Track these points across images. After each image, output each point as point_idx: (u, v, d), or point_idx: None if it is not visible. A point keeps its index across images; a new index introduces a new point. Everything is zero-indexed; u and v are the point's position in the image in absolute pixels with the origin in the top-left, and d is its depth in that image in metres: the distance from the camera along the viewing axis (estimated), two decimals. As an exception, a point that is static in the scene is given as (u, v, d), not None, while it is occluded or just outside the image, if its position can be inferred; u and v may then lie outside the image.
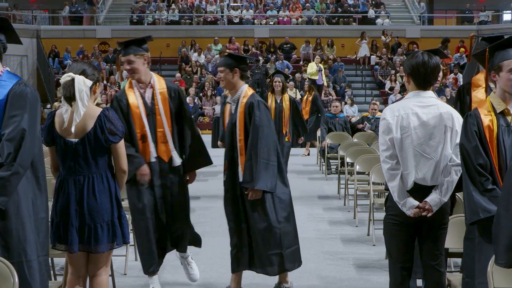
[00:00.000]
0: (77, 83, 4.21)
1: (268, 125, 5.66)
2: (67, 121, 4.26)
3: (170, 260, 7.05)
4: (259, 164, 5.52)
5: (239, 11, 29.11)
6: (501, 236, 3.45)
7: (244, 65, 5.81)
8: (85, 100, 4.23)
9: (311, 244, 7.80)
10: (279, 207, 5.71)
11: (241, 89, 5.75)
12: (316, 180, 12.94)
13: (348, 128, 13.91)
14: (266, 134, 5.60)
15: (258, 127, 5.58)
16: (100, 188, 4.32)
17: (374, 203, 7.76)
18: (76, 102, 4.20)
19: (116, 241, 4.40)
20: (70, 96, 4.21)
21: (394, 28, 28.04)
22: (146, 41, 5.84)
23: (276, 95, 10.51)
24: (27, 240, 3.93)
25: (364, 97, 24.15)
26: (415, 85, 4.34)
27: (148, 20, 28.56)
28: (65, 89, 4.22)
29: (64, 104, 4.25)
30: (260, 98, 5.79)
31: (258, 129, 5.58)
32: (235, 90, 5.76)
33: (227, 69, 5.71)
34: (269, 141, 5.62)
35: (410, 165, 4.24)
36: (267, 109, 5.75)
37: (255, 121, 5.59)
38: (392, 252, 4.45)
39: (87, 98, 4.26)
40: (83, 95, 4.22)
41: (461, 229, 4.31)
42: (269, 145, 5.60)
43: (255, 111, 5.61)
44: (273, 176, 5.58)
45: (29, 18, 28.75)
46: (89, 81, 4.27)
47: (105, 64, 25.76)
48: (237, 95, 5.75)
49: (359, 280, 6.45)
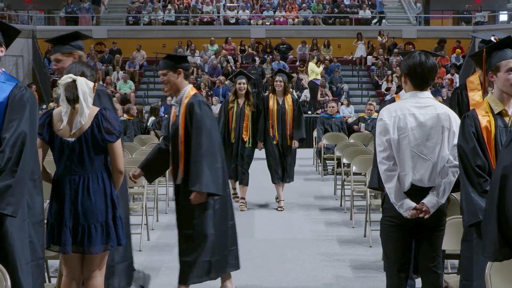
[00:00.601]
0: (80, 85, 4.19)
1: (211, 126, 5.42)
2: (66, 121, 4.23)
3: (165, 261, 7.03)
4: (202, 166, 5.27)
5: (235, 12, 29.05)
6: (488, 230, 3.48)
7: (187, 64, 5.61)
8: (88, 102, 4.22)
9: (307, 245, 7.77)
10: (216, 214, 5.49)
11: (184, 89, 5.56)
12: (313, 181, 12.91)
13: (344, 128, 13.90)
14: (208, 135, 5.36)
15: (199, 128, 5.34)
16: (95, 188, 4.29)
17: (371, 204, 7.73)
18: (80, 104, 4.17)
19: (110, 243, 4.35)
20: (74, 98, 4.18)
21: (391, 28, 28.02)
22: (80, 38, 5.10)
23: (278, 96, 9.98)
24: (22, 244, 3.90)
25: (361, 98, 24.13)
26: (412, 86, 4.31)
27: (144, 21, 28.51)
28: (68, 91, 4.18)
29: (64, 105, 4.21)
30: (203, 98, 5.59)
31: (199, 130, 5.34)
32: (179, 92, 5.57)
33: (170, 71, 5.53)
34: (212, 142, 5.38)
35: (407, 166, 4.21)
36: (209, 109, 5.54)
37: (196, 122, 5.36)
38: (389, 254, 4.42)
39: (91, 99, 4.25)
40: (87, 97, 4.21)
41: (459, 230, 4.28)
42: (212, 147, 5.36)
43: (196, 111, 5.38)
44: (217, 179, 5.35)
45: (25, 18, 28.66)
46: (91, 83, 4.25)
47: (101, 64, 25.69)
48: (179, 96, 5.56)
49: (355, 282, 6.41)
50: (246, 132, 9.91)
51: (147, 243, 7.85)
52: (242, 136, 9.89)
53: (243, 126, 9.88)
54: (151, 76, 26.04)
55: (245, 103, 9.92)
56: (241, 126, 9.88)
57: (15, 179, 3.77)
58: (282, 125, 9.91)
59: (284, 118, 9.90)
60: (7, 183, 3.74)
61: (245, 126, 9.89)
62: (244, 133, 9.90)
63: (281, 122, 9.90)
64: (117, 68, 25.40)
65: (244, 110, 9.89)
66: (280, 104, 9.96)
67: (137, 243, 7.45)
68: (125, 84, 24.03)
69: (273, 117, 9.91)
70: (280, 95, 10.00)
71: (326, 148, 12.99)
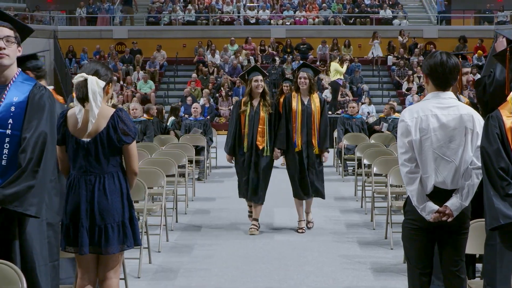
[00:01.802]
0: (90, 84, 4.18)
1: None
2: (81, 121, 4.21)
3: (184, 263, 6.99)
4: None
5: (255, 11, 29.04)
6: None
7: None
8: (98, 101, 4.19)
9: (327, 247, 7.69)
10: None
11: None
12: (333, 182, 12.82)
13: (365, 129, 13.80)
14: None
15: None
16: (111, 188, 4.26)
17: (392, 206, 7.63)
18: (90, 103, 4.16)
19: (126, 243, 4.33)
20: (83, 97, 4.18)
21: (411, 28, 27.85)
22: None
23: (303, 95, 8.39)
24: (41, 245, 3.91)
25: (381, 98, 24.00)
26: (433, 86, 4.23)
27: (164, 21, 28.58)
28: (78, 90, 4.19)
29: (77, 105, 4.21)
30: None
31: None
32: None
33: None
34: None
35: (430, 169, 4.12)
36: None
37: None
38: (411, 257, 4.33)
39: (100, 99, 4.22)
40: (96, 96, 4.18)
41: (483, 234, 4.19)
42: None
43: None
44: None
45: (47, 19, 28.84)
46: (102, 82, 4.24)
47: (122, 64, 25.81)
48: None
49: (376, 285, 6.32)
50: (262, 138, 8.28)
51: (166, 244, 7.81)
52: (256, 143, 8.29)
53: (257, 131, 8.28)
54: (171, 76, 26.11)
55: (260, 104, 8.30)
56: (255, 131, 8.28)
57: (37, 179, 3.78)
58: (308, 130, 8.34)
59: (310, 121, 8.30)
60: (30, 183, 3.75)
61: (260, 131, 8.28)
62: (259, 139, 8.29)
63: (306, 126, 8.33)
64: (138, 68, 25.48)
65: (259, 112, 8.27)
66: (305, 104, 8.36)
67: (155, 244, 7.43)
68: (145, 84, 24.11)
69: (296, 119, 8.30)
70: (305, 94, 8.39)
71: (347, 149, 12.91)
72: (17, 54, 3.97)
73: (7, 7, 26.75)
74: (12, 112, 3.85)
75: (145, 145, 10.77)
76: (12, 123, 3.84)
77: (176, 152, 10.10)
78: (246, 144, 8.28)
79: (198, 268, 6.82)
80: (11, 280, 3.39)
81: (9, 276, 3.40)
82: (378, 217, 8.84)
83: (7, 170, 3.77)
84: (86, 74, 4.22)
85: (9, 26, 3.95)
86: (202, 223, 9.01)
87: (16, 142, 3.82)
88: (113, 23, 28.56)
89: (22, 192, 3.73)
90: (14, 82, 3.92)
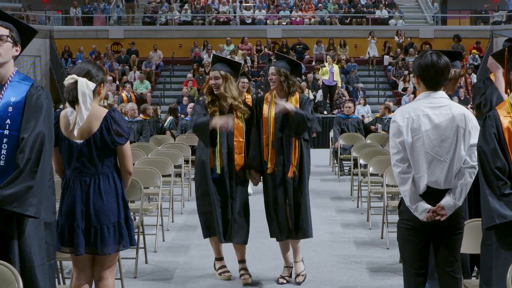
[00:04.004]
0: (80, 86, 4.16)
1: None
2: (73, 123, 4.20)
3: (180, 263, 6.99)
4: None
5: (251, 11, 29.03)
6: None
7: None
8: (87, 104, 4.17)
9: (323, 247, 7.70)
10: None
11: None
12: (329, 182, 12.84)
13: (361, 129, 13.83)
14: None
15: None
16: (106, 188, 4.27)
17: (388, 206, 7.64)
18: (79, 105, 4.15)
19: (122, 243, 4.34)
20: (73, 99, 4.17)
21: (407, 28, 27.88)
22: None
23: (278, 97, 6.13)
24: (38, 245, 3.91)
25: (377, 98, 24.00)
26: (425, 87, 4.23)
27: (160, 21, 28.55)
28: (68, 93, 4.18)
29: (68, 106, 4.21)
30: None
31: None
32: None
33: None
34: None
35: (422, 169, 4.12)
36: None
37: None
38: (406, 257, 4.33)
39: (90, 101, 4.19)
40: (86, 98, 4.16)
41: (478, 233, 4.19)
42: None
43: None
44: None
45: (43, 19, 28.79)
46: (92, 84, 4.21)
47: (118, 64, 25.77)
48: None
49: (372, 284, 6.34)
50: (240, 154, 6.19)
51: (162, 244, 7.81)
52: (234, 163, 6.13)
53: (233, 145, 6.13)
54: (167, 76, 26.07)
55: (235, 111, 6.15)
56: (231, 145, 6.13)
57: (36, 180, 3.77)
58: (284, 144, 6.09)
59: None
60: (28, 184, 3.75)
61: (236, 145, 6.14)
62: (237, 157, 6.15)
63: (282, 139, 6.10)
64: (134, 68, 25.44)
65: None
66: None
67: (152, 244, 7.43)
68: (142, 84, 24.08)
69: (268, 130, 6.12)
70: (281, 96, 6.14)
71: (343, 149, 12.93)
72: (13, 53, 3.95)
73: (3, 7, 26.69)
74: (10, 113, 3.84)
75: (141, 145, 10.77)
76: (10, 123, 3.83)
77: (172, 152, 10.09)
78: (220, 163, 6.11)
79: (194, 268, 6.82)
80: (8, 280, 3.39)
81: (6, 277, 3.40)
82: (374, 217, 8.86)
83: (5, 170, 3.77)
84: (77, 75, 4.20)
85: (4, 24, 3.92)
86: (198, 223, 8.92)
87: (14, 142, 3.81)
88: (109, 23, 28.52)
89: (21, 192, 3.72)
90: (10, 82, 3.91)
